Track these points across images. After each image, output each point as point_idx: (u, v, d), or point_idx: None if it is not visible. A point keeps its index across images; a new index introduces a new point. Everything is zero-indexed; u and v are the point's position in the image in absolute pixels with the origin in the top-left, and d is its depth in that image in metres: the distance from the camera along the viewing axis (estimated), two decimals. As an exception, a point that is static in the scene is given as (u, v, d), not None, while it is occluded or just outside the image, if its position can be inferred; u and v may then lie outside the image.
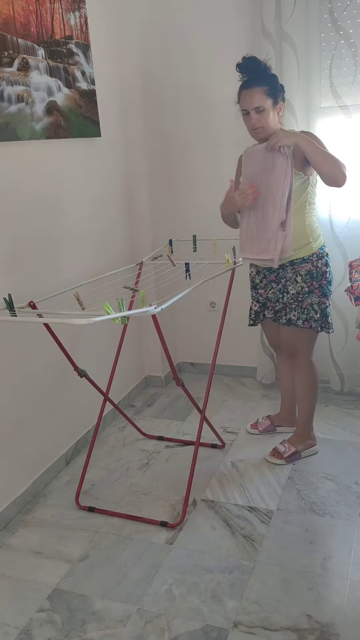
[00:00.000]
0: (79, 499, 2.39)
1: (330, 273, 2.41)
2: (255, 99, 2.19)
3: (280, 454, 2.55)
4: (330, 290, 2.42)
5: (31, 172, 2.33)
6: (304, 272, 2.35)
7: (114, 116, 2.93)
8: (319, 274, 2.36)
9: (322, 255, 2.37)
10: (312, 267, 2.35)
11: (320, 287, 2.38)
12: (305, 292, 2.36)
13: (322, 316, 2.41)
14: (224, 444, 2.73)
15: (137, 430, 2.89)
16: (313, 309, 2.39)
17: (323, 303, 2.40)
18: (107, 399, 2.53)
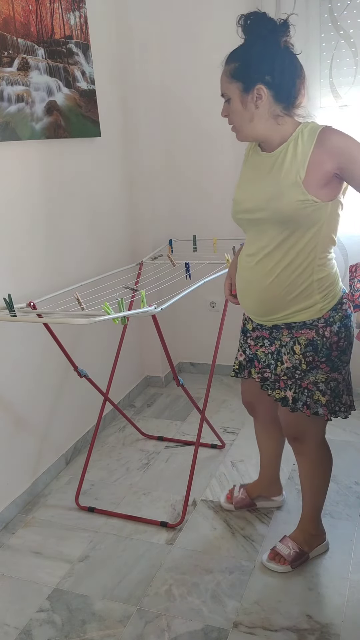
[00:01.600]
0: (78, 499, 2.39)
1: (348, 338, 1.70)
2: (221, 83, 1.59)
3: (283, 557, 1.93)
4: (346, 359, 1.73)
5: (31, 172, 2.33)
6: (304, 340, 1.68)
7: (114, 116, 2.93)
8: (326, 346, 1.67)
9: (334, 320, 1.66)
10: (317, 337, 1.66)
11: (329, 361, 1.68)
12: (303, 369, 1.70)
13: (333, 397, 1.73)
14: (224, 444, 2.73)
15: (137, 430, 2.88)
16: (318, 389, 1.71)
17: (334, 380, 1.71)
18: (107, 399, 2.53)
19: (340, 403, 1.76)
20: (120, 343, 2.66)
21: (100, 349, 2.85)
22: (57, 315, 1.96)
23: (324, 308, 1.65)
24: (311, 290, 1.63)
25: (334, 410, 1.75)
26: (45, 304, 2.17)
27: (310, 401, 1.73)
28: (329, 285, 1.65)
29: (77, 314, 1.92)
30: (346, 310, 1.69)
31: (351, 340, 1.72)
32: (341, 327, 1.67)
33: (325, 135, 1.54)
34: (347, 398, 1.77)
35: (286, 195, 1.56)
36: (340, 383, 1.74)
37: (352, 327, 1.71)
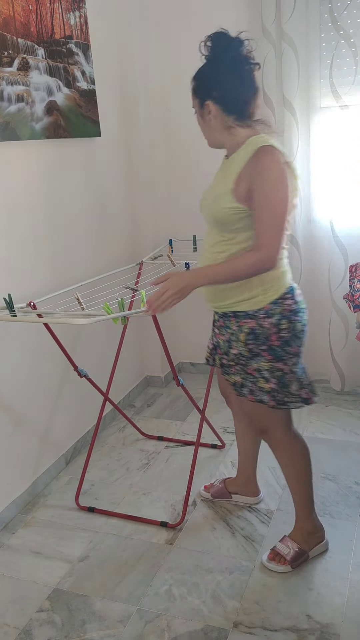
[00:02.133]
0: (78, 500, 2.38)
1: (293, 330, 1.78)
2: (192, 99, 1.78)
3: (283, 557, 1.95)
4: (293, 352, 1.80)
5: (31, 172, 2.33)
6: (247, 329, 1.79)
7: (114, 116, 2.93)
8: (265, 335, 1.77)
9: (274, 313, 1.76)
10: (257, 326, 1.77)
11: (270, 350, 1.78)
12: (246, 355, 1.81)
13: (280, 387, 1.80)
14: (224, 444, 2.73)
15: (137, 430, 2.88)
16: (262, 376, 1.80)
17: (278, 369, 1.79)
18: (107, 399, 2.53)
19: (289, 393, 1.82)
20: (120, 343, 2.66)
21: (100, 349, 2.85)
22: (57, 315, 1.96)
23: (264, 300, 1.76)
24: (252, 284, 1.75)
25: (282, 400, 1.82)
26: (45, 304, 2.17)
27: (255, 387, 1.82)
28: (271, 280, 1.75)
29: (77, 314, 1.92)
30: (290, 306, 1.78)
31: (299, 335, 1.80)
32: (282, 319, 1.77)
33: (259, 153, 1.64)
34: (297, 389, 1.83)
35: (220, 201, 1.72)
36: (287, 374, 1.81)
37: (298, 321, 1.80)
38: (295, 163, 2.90)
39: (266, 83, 2.84)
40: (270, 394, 1.81)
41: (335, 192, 2.92)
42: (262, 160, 1.63)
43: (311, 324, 3.18)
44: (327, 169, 2.94)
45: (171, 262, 2.59)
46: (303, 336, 1.83)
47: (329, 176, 2.94)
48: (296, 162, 2.90)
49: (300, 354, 1.84)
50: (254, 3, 2.86)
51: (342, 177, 2.89)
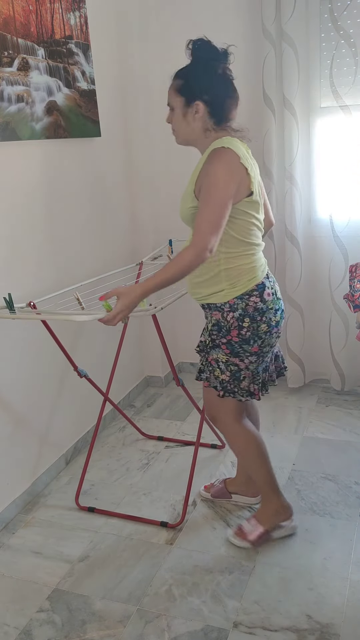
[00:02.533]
0: (78, 500, 2.39)
1: (254, 330, 1.86)
2: (168, 95, 1.87)
3: (245, 534, 2.08)
4: (251, 350, 1.88)
5: (31, 172, 2.33)
6: (214, 320, 1.92)
7: (114, 116, 2.93)
8: (227, 328, 1.87)
9: (237, 308, 1.84)
10: (221, 319, 1.88)
11: (229, 344, 1.88)
12: (209, 344, 1.94)
13: (232, 379, 1.92)
14: (224, 444, 2.72)
15: (137, 430, 2.88)
16: (219, 367, 1.93)
17: (233, 364, 1.90)
18: (107, 399, 2.53)
19: (239, 387, 1.94)
20: (120, 343, 2.66)
21: (100, 349, 2.85)
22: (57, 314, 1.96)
23: (230, 294, 1.85)
24: (219, 278, 1.85)
25: (231, 390, 1.95)
26: (45, 303, 2.18)
27: (211, 375, 1.97)
28: (237, 275, 1.84)
29: (76, 313, 1.92)
30: (256, 304, 1.85)
31: (261, 335, 1.87)
32: (244, 315, 1.85)
33: (210, 154, 1.77)
34: (247, 385, 1.95)
35: (184, 202, 1.85)
36: (242, 370, 1.92)
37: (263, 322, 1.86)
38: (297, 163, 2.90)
39: (266, 83, 2.84)
40: (222, 383, 1.94)
41: (336, 192, 2.91)
42: (210, 160, 1.75)
43: (311, 323, 3.21)
44: (327, 169, 2.94)
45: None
46: (268, 337, 1.89)
47: (329, 176, 2.94)
48: (296, 162, 2.90)
49: (263, 354, 1.92)
50: (254, 3, 2.86)
51: (342, 177, 2.89)
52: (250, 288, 1.85)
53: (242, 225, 1.82)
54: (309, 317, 3.18)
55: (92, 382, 2.37)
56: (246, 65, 2.93)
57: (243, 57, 2.93)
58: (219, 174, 1.72)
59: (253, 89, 2.95)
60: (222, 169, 1.72)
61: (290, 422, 2.93)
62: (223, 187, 1.71)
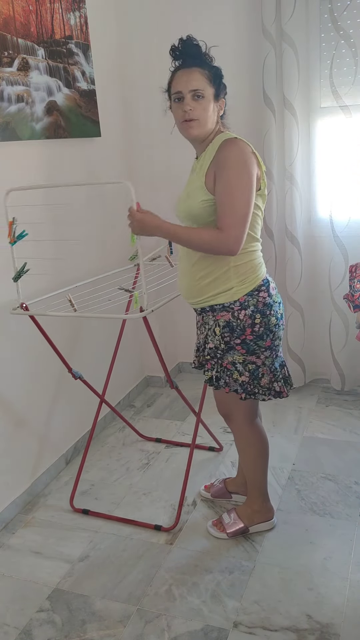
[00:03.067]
0: (73, 502, 2.37)
1: (266, 324, 1.85)
2: (194, 79, 1.76)
3: (224, 526, 2.13)
4: (266, 345, 1.87)
5: (31, 172, 2.33)
6: (222, 322, 1.86)
7: (114, 116, 2.93)
8: (240, 327, 1.84)
9: (249, 305, 1.82)
10: (232, 318, 1.84)
11: (243, 343, 1.85)
12: (222, 348, 1.88)
13: (252, 379, 1.89)
14: (222, 447, 2.71)
15: (135, 432, 2.87)
16: (236, 369, 1.88)
17: (251, 362, 1.88)
18: (104, 401, 2.51)
19: (259, 385, 1.91)
20: (117, 345, 2.64)
21: (99, 350, 2.85)
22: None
23: (240, 292, 1.82)
24: (229, 276, 1.81)
25: (252, 391, 1.91)
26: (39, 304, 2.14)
27: (230, 380, 1.91)
28: (246, 272, 1.82)
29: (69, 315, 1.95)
30: (265, 299, 1.84)
31: (272, 329, 1.87)
32: (256, 312, 1.83)
33: (222, 145, 1.74)
34: (267, 382, 1.92)
35: (193, 196, 1.80)
36: (260, 367, 1.90)
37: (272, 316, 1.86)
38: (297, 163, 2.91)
39: (266, 83, 2.84)
40: (242, 385, 1.90)
41: (336, 192, 2.91)
42: (225, 150, 1.72)
43: (311, 323, 3.21)
44: (328, 169, 2.94)
45: (169, 263, 2.58)
46: (277, 330, 1.89)
47: (329, 176, 2.94)
48: (296, 162, 2.90)
49: (276, 347, 1.91)
50: (254, 3, 2.86)
51: (342, 177, 2.89)
52: (258, 284, 1.84)
53: (253, 219, 1.79)
54: (309, 317, 3.18)
55: (87, 384, 2.35)
56: (246, 65, 2.93)
57: (243, 57, 2.93)
58: (240, 164, 1.69)
59: (253, 89, 2.95)
60: (242, 158, 1.70)
61: (290, 422, 2.93)
62: (247, 177, 1.69)
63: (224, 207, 1.69)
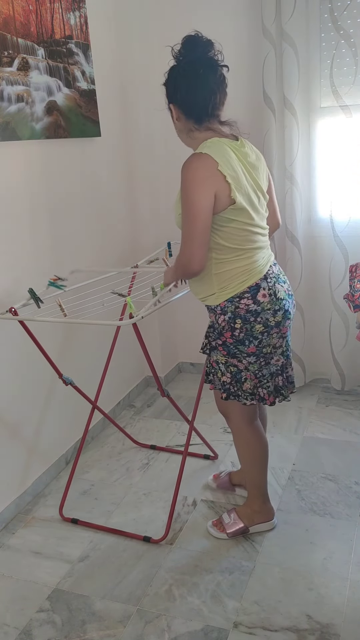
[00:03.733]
0: (62, 511, 2.32)
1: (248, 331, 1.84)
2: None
3: (224, 526, 2.13)
4: (248, 351, 1.86)
5: (31, 172, 2.33)
6: (210, 322, 1.94)
7: (114, 116, 2.93)
8: (219, 330, 1.87)
9: (227, 311, 1.84)
10: (214, 320, 1.90)
11: (224, 345, 1.88)
12: (208, 347, 1.98)
13: (233, 381, 1.91)
14: (217, 455, 2.66)
15: (130, 439, 2.82)
16: (219, 369, 1.93)
17: (232, 365, 1.89)
18: (96, 407, 2.48)
19: (242, 389, 1.92)
20: (111, 349, 2.60)
21: (95, 353, 2.83)
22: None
23: (220, 297, 1.85)
24: (211, 282, 1.86)
25: (234, 392, 1.93)
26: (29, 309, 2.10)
27: (215, 377, 1.97)
28: (227, 279, 1.83)
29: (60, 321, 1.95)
30: (248, 306, 1.82)
31: (257, 336, 1.85)
32: (235, 319, 1.84)
33: (184, 164, 1.71)
34: (250, 387, 1.92)
35: (176, 208, 1.84)
36: (242, 371, 1.90)
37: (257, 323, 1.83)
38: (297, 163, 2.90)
39: (266, 83, 2.84)
40: (224, 385, 1.94)
41: (336, 192, 2.91)
42: (183, 170, 1.70)
43: (311, 323, 3.21)
44: (328, 169, 2.94)
45: (167, 266, 2.57)
46: (266, 338, 1.86)
47: (330, 176, 2.94)
48: (296, 161, 2.90)
49: (264, 355, 1.89)
50: (254, 3, 2.86)
51: (342, 177, 2.89)
52: (241, 290, 1.82)
53: (231, 232, 1.77)
54: (309, 317, 3.18)
55: (78, 390, 2.31)
56: (246, 65, 2.93)
57: (243, 57, 2.93)
58: (190, 184, 1.67)
59: (253, 89, 2.95)
60: (194, 177, 1.66)
61: (290, 422, 2.92)
62: (197, 198, 1.66)
63: (182, 230, 1.73)
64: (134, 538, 2.16)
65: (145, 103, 3.06)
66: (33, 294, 2.05)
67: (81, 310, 2.17)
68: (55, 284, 2.11)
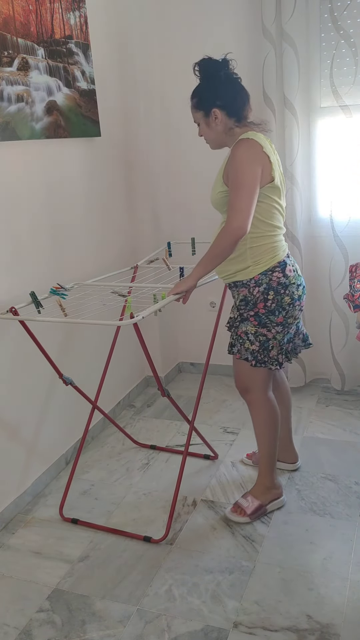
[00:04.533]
0: (62, 511, 2.31)
1: (279, 302, 2.05)
2: (192, 113, 2.11)
3: (243, 509, 2.21)
4: (277, 321, 2.07)
5: (31, 172, 2.33)
6: (241, 296, 2.11)
7: (114, 116, 2.93)
8: (253, 302, 2.07)
9: (262, 282, 2.05)
10: (248, 294, 2.08)
11: (256, 316, 2.07)
12: (238, 319, 2.13)
13: (262, 349, 2.10)
14: (217, 455, 2.66)
15: (130, 439, 2.82)
16: (248, 339, 2.10)
17: (262, 335, 2.08)
18: (96, 407, 2.48)
19: (269, 356, 2.12)
20: (111, 349, 2.60)
21: (95, 353, 2.84)
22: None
23: (255, 271, 2.06)
24: (244, 257, 2.06)
25: (262, 360, 2.12)
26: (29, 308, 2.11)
27: (242, 348, 2.13)
28: (261, 253, 2.05)
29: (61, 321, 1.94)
30: (279, 279, 2.05)
31: (285, 307, 2.07)
32: (269, 290, 2.06)
33: (236, 145, 1.99)
34: (276, 355, 2.13)
35: (215, 188, 2.08)
36: (270, 340, 2.11)
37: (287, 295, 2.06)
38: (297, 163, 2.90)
39: (266, 83, 2.84)
40: (253, 354, 2.11)
41: (336, 192, 2.91)
42: (235, 149, 1.97)
43: (311, 323, 3.21)
44: (328, 169, 2.94)
45: (167, 266, 2.58)
46: (291, 309, 2.09)
47: (330, 176, 2.94)
48: (297, 161, 2.90)
49: (288, 325, 2.12)
50: (254, 3, 2.86)
51: (342, 177, 2.89)
52: (272, 265, 2.05)
53: (266, 208, 2.02)
54: (309, 317, 3.18)
55: (78, 390, 2.31)
56: (246, 65, 2.93)
57: (243, 57, 2.92)
58: (244, 160, 1.94)
59: (253, 89, 2.90)
60: (246, 155, 1.94)
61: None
62: (249, 171, 1.92)
63: (231, 197, 1.94)
64: (134, 538, 2.16)
65: (145, 103, 3.06)
66: (34, 298, 2.06)
67: (81, 310, 2.17)
68: (58, 292, 2.12)
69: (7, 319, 2.05)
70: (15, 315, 2.01)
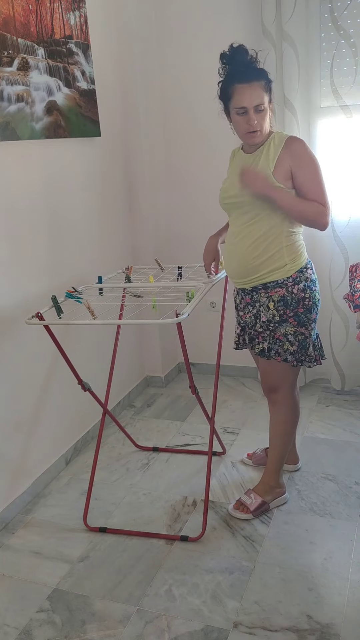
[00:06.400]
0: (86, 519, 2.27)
1: (313, 299, 2.09)
2: (256, 95, 1.91)
3: (246, 506, 2.22)
4: (312, 318, 2.10)
5: (31, 172, 2.33)
6: (277, 297, 2.06)
7: (114, 116, 2.93)
8: (294, 301, 2.05)
9: (300, 280, 2.05)
10: (287, 293, 2.05)
11: (296, 316, 2.07)
12: (276, 320, 2.08)
13: (300, 348, 2.10)
14: (225, 451, 2.68)
15: (132, 442, 2.79)
16: (288, 340, 2.08)
17: (301, 334, 2.09)
18: (107, 412, 2.47)
19: (306, 354, 2.14)
20: (114, 351, 2.60)
21: (95, 356, 2.83)
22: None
23: (292, 269, 2.06)
24: (281, 254, 2.04)
25: (300, 359, 2.13)
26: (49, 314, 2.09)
27: (281, 350, 2.10)
28: (295, 251, 2.07)
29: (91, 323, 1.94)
30: (310, 276, 2.10)
31: (317, 303, 2.11)
32: (306, 287, 2.07)
33: (290, 141, 2.01)
34: (312, 352, 2.15)
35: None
36: (307, 338, 2.12)
37: (317, 291, 2.11)
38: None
39: (266, 83, 2.83)
40: (294, 354, 2.11)
41: (336, 192, 2.91)
42: (297, 147, 2.00)
43: (311, 323, 3.20)
44: (328, 169, 2.94)
45: (159, 267, 2.57)
46: (319, 304, 2.14)
47: (330, 176, 2.93)
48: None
49: (317, 320, 2.15)
50: (254, 3, 2.86)
51: (342, 177, 2.89)
52: (305, 262, 2.10)
53: None
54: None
55: (94, 396, 2.31)
56: (246, 65, 2.93)
57: (243, 57, 2.92)
58: (314, 158, 2.00)
59: (253, 89, 2.94)
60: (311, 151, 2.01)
61: (291, 422, 2.92)
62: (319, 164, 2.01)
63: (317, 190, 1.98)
64: (171, 539, 2.13)
65: (145, 103, 3.06)
66: (55, 302, 2.07)
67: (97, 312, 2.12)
68: (73, 296, 2.13)
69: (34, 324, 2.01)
70: (41, 320, 1.99)
